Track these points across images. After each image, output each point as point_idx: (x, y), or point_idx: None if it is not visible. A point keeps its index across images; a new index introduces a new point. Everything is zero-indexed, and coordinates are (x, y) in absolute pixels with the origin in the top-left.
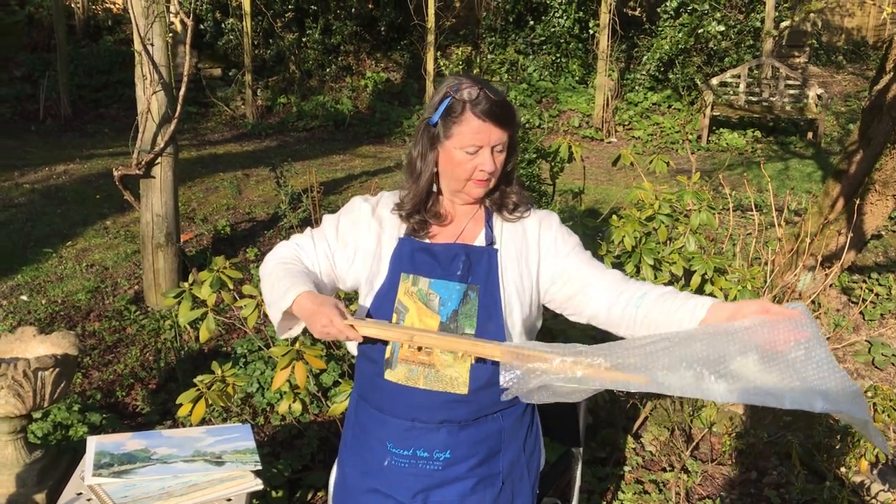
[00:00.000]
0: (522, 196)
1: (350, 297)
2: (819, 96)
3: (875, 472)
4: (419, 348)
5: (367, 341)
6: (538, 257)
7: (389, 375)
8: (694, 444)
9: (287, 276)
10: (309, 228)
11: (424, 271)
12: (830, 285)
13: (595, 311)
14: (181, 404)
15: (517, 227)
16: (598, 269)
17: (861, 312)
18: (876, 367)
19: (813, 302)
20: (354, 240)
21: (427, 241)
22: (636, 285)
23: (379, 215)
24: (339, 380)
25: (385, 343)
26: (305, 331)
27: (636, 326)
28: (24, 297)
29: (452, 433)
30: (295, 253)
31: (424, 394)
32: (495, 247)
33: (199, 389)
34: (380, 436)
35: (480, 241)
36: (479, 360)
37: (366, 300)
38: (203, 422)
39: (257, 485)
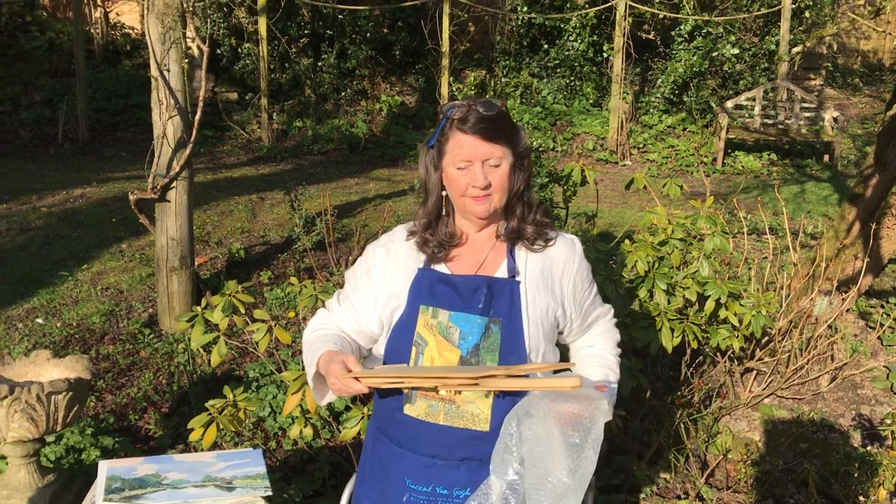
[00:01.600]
0: (542, 226)
1: None
2: (835, 119)
3: (894, 500)
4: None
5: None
6: (561, 293)
7: (409, 410)
8: (709, 471)
9: (314, 343)
10: (337, 290)
11: (444, 303)
12: (847, 310)
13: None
14: (193, 428)
15: (542, 257)
16: (600, 316)
17: (879, 337)
18: (894, 394)
19: (830, 327)
20: (371, 288)
21: (447, 271)
22: (590, 342)
23: (394, 251)
24: (351, 405)
25: None
26: None
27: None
28: (40, 320)
29: (473, 470)
30: (327, 318)
31: (445, 430)
32: (518, 279)
33: (210, 414)
34: (399, 471)
35: (502, 272)
36: (502, 395)
37: (386, 335)
38: (215, 446)
39: None
